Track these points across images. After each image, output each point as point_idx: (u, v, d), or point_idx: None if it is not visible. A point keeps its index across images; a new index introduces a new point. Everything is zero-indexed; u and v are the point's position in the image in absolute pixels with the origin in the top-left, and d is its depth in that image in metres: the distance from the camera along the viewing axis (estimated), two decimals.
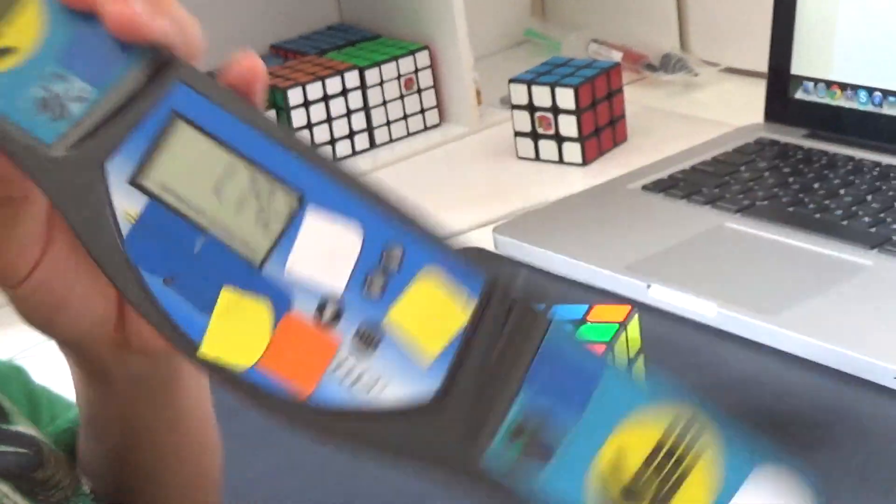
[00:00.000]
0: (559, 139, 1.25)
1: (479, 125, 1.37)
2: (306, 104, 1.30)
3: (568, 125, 1.24)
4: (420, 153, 1.34)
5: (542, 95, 1.24)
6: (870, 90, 1.13)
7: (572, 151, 1.24)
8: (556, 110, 1.24)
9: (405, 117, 1.37)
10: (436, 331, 0.42)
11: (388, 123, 1.36)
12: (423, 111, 1.37)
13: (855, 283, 0.92)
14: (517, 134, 1.27)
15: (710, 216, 1.05)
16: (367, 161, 1.33)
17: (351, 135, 1.34)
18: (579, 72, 1.25)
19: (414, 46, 1.36)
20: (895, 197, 1.03)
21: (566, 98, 1.23)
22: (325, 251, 0.42)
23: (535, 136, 1.26)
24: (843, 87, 1.15)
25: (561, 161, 1.25)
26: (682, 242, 1.02)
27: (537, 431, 0.42)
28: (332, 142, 1.32)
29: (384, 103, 1.35)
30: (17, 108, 0.43)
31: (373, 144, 1.35)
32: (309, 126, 1.30)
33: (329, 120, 1.32)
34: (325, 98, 1.31)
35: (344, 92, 1.32)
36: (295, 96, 1.29)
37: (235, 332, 0.42)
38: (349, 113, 1.33)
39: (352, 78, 1.33)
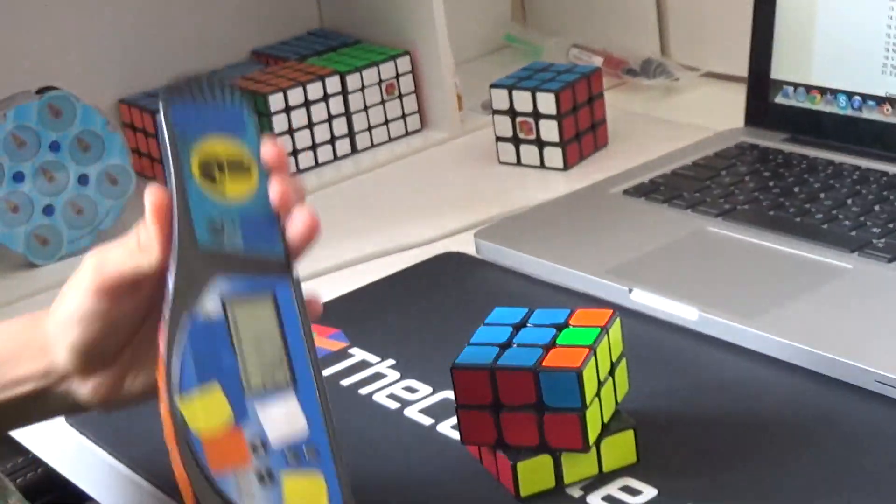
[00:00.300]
0: (540, 144, 1.25)
1: (460, 130, 1.37)
2: (287, 110, 1.30)
3: (549, 130, 1.24)
4: (401, 158, 1.34)
5: (523, 100, 1.24)
6: (849, 94, 1.14)
7: (554, 156, 1.24)
8: (537, 115, 1.24)
9: (386, 122, 1.36)
10: None
11: (370, 129, 1.36)
12: (404, 116, 1.37)
13: (836, 286, 0.93)
14: (498, 139, 1.27)
15: (692, 220, 1.06)
16: (349, 166, 1.33)
17: (332, 140, 1.33)
18: (560, 77, 1.25)
19: (395, 52, 1.36)
20: (875, 201, 1.03)
21: (547, 103, 1.23)
22: (282, 419, 0.66)
23: (516, 141, 1.26)
24: (823, 91, 1.16)
25: (542, 166, 1.25)
26: (663, 246, 1.02)
27: None
28: (314, 147, 1.32)
29: (365, 108, 1.35)
30: (201, 214, 0.68)
31: (354, 150, 1.35)
32: (290, 131, 1.30)
33: (310, 125, 1.32)
34: (307, 103, 1.31)
35: (325, 97, 1.32)
36: (276, 102, 1.29)
37: (204, 409, 0.65)
38: (330, 118, 1.33)
39: (333, 83, 1.33)
